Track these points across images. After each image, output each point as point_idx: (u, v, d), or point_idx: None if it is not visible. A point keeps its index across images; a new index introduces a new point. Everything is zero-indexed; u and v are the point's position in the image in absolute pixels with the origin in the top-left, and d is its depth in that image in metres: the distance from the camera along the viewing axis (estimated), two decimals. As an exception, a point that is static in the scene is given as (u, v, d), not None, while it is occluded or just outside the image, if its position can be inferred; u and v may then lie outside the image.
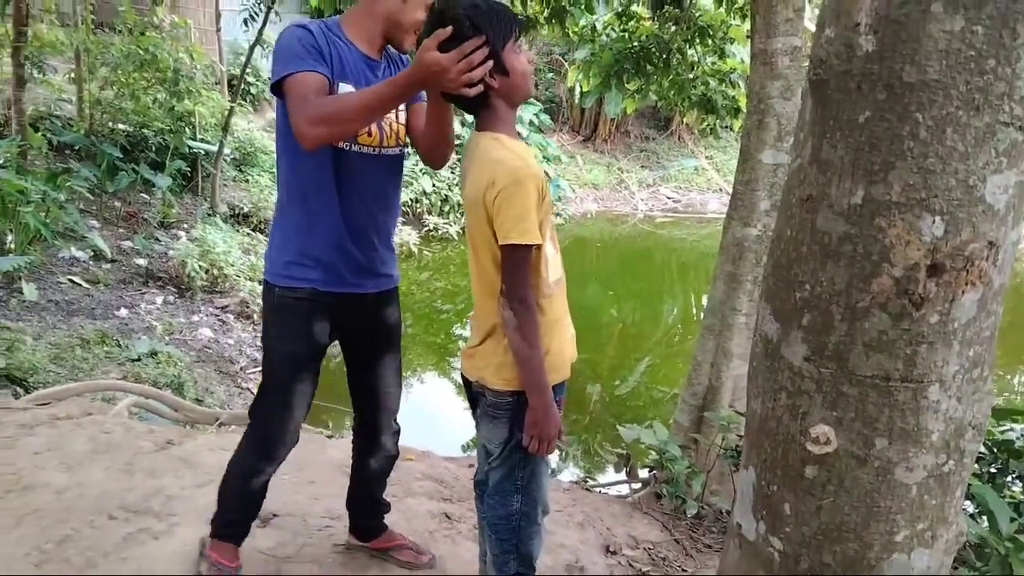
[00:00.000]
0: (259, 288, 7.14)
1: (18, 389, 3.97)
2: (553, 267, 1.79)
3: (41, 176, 6.08)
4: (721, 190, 14.55)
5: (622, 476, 4.06)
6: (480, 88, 1.67)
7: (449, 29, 1.62)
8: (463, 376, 1.91)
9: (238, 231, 7.85)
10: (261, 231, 8.18)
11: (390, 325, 2.17)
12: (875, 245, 1.02)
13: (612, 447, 5.50)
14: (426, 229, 10.28)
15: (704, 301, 10.31)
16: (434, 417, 6.17)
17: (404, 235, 9.56)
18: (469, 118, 2.12)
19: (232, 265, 7.06)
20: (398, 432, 2.30)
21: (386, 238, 2.07)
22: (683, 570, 2.76)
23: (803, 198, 1.09)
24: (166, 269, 7.05)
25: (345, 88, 1.86)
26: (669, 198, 14.32)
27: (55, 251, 6.46)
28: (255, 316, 6.99)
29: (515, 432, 1.80)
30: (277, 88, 1.80)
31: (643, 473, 3.76)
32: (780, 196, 1.31)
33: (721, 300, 3.73)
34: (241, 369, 6.20)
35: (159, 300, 6.64)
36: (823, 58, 1.05)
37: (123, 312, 6.17)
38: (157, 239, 7.22)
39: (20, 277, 5.69)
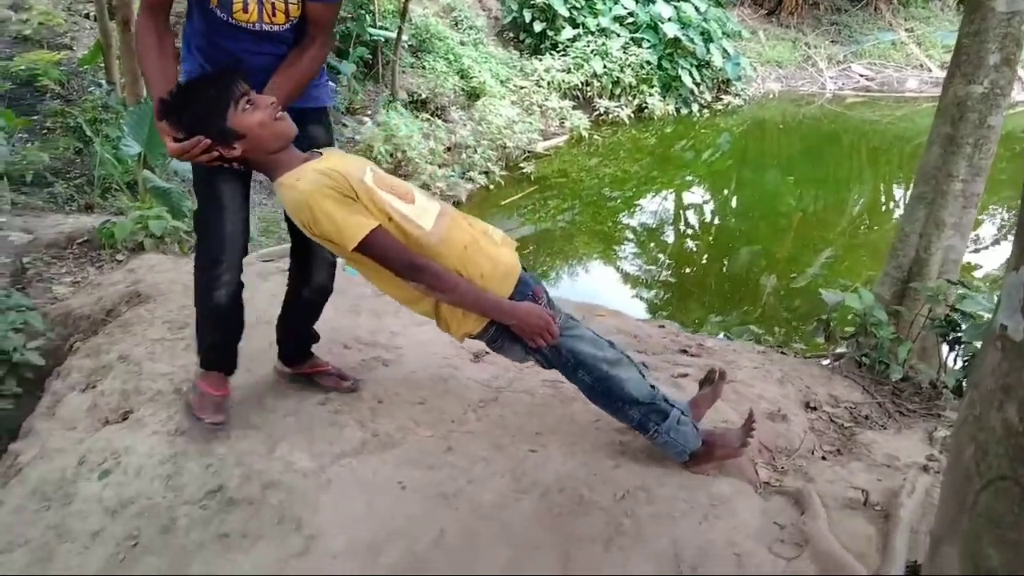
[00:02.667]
0: (440, 171, 7.45)
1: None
2: (418, 216, 1.94)
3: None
4: (922, 66, 13.17)
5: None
6: (235, 152, 1.93)
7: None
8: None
9: (417, 117, 8.07)
10: (439, 116, 8.38)
11: (320, 144, 2.19)
12: None
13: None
14: (596, 113, 10.09)
15: (895, 189, 9.57)
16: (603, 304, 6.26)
17: (574, 119, 9.46)
18: None
19: (414, 149, 7.32)
20: (333, 264, 2.34)
21: None
22: (884, 429, 2.68)
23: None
24: (355, 153, 7.42)
25: None
26: (861, 76, 13.14)
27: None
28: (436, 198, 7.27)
29: (523, 341, 2.02)
30: None
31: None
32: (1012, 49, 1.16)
33: (936, 165, 3.42)
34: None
35: (350, 182, 7.05)
36: None
37: (320, 192, 6.61)
38: (344, 124, 7.57)
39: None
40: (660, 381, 2.69)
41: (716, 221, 8.73)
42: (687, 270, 7.46)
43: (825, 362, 3.29)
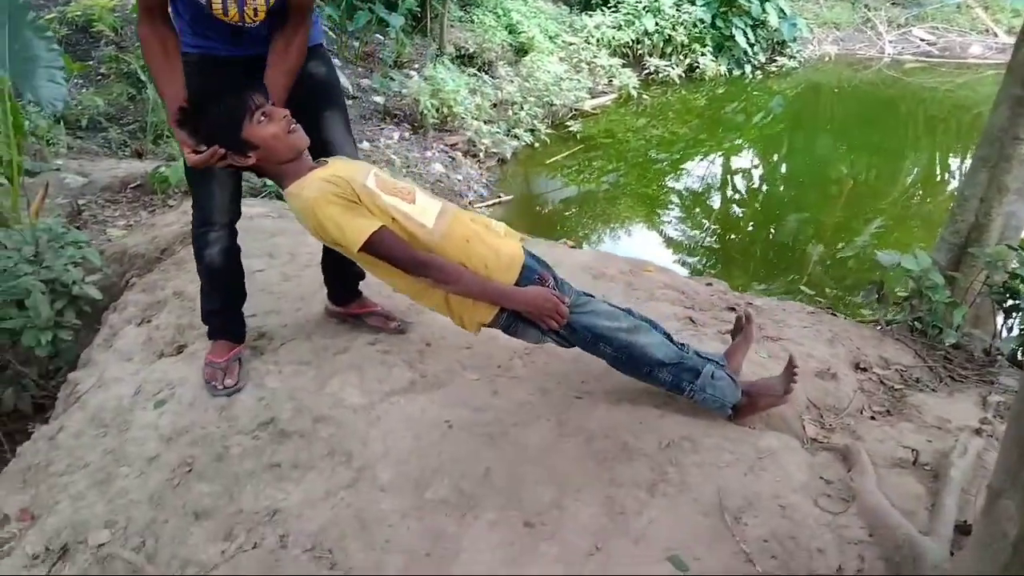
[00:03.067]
0: (485, 128, 7.40)
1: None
2: (420, 214, 2.01)
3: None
4: (987, 31, 12.62)
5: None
6: (249, 161, 2.00)
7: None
8: None
9: (464, 72, 8.00)
10: (486, 72, 8.30)
11: (320, 79, 2.23)
12: None
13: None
14: (646, 72, 9.89)
15: (951, 160, 9.27)
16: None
17: (623, 78, 9.30)
18: None
19: (460, 104, 7.27)
20: None
21: None
22: (935, 392, 2.63)
23: None
24: (400, 107, 7.41)
25: None
26: (922, 40, 12.65)
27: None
28: (481, 155, 7.25)
29: (537, 324, 2.06)
30: None
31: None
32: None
33: (1001, 127, 3.29)
34: (470, 203, 6.51)
35: (395, 136, 7.04)
36: None
37: (365, 145, 6.61)
38: (391, 78, 7.54)
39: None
40: (708, 337, 2.67)
41: (764, 187, 8.55)
42: (732, 236, 7.35)
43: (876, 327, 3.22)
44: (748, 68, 10.60)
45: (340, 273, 2.54)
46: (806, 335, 2.77)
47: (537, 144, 7.81)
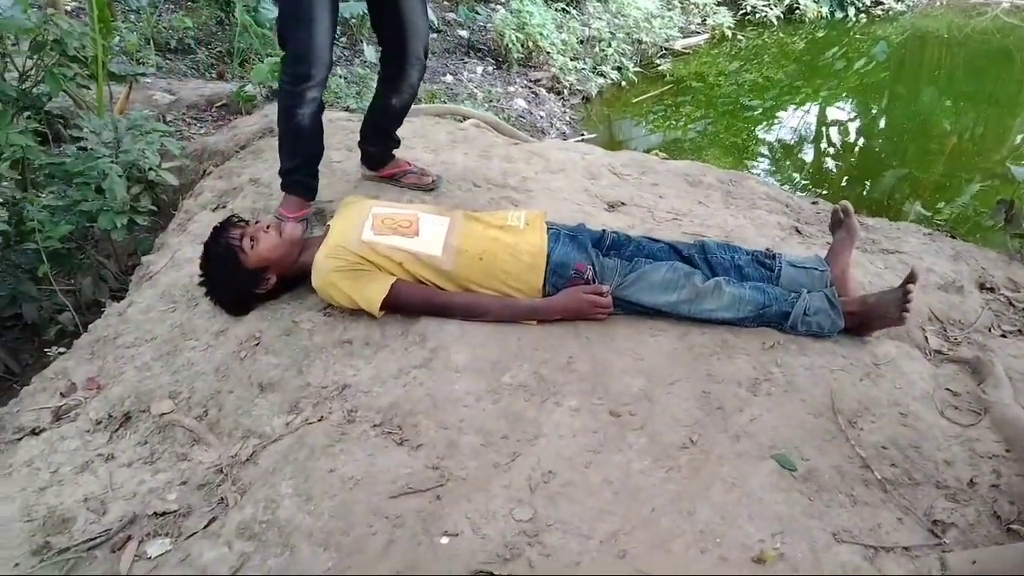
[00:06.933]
0: (571, 64, 7.15)
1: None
2: (426, 247, 1.93)
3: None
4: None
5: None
6: (272, 281, 2.01)
7: None
8: None
9: (551, 6, 7.73)
10: (574, 6, 8.00)
11: None
12: None
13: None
14: (742, 12, 9.37)
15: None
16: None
17: (718, 17, 8.83)
18: None
19: (546, 39, 7.03)
20: (424, 67, 2.31)
21: None
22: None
23: None
24: (485, 41, 7.22)
25: None
26: (1047, -14, 11.67)
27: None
28: (565, 92, 7.02)
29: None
30: None
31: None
32: None
33: None
34: (552, 139, 6.31)
35: (479, 70, 6.86)
36: None
37: (448, 78, 6.47)
38: (477, 12, 7.34)
39: (362, 40, 6.15)
40: (816, 248, 2.42)
41: (861, 141, 8.05)
42: (823, 191, 6.95)
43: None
44: (852, 10, 9.95)
45: (378, 139, 2.53)
46: (927, 250, 2.50)
47: (624, 83, 7.50)
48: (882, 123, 8.56)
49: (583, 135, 6.47)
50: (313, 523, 1.43)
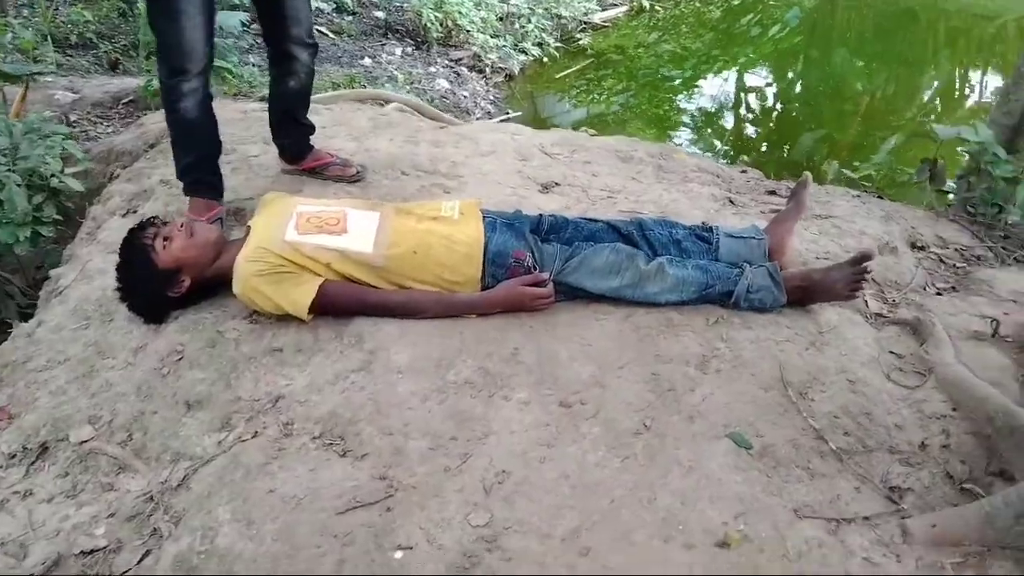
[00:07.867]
0: (492, 42, 7.04)
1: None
2: (355, 243, 1.82)
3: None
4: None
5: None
6: (187, 283, 1.88)
7: None
8: None
9: (469, -16, 7.59)
10: (493, -16, 7.87)
11: None
12: None
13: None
14: (661, -17, 9.42)
15: (972, 74, 8.84)
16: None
17: (637, -13, 8.84)
18: None
19: (465, 16, 6.91)
20: (315, 47, 2.26)
21: None
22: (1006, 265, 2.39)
23: None
24: (403, 22, 7.05)
25: None
26: (944, -53, 12.04)
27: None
28: (487, 71, 6.91)
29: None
30: None
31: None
32: None
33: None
34: (477, 119, 6.21)
35: (398, 51, 6.69)
36: None
37: (367, 61, 6.29)
38: (395, -11, 7.16)
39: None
40: (751, 217, 2.41)
41: (778, 105, 8.19)
42: (745, 157, 7.04)
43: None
44: (764, -23, 10.09)
45: (288, 128, 2.43)
46: (857, 212, 2.52)
47: (546, 59, 7.43)
48: (798, 87, 8.74)
49: (508, 114, 6.39)
50: (256, 549, 1.34)
